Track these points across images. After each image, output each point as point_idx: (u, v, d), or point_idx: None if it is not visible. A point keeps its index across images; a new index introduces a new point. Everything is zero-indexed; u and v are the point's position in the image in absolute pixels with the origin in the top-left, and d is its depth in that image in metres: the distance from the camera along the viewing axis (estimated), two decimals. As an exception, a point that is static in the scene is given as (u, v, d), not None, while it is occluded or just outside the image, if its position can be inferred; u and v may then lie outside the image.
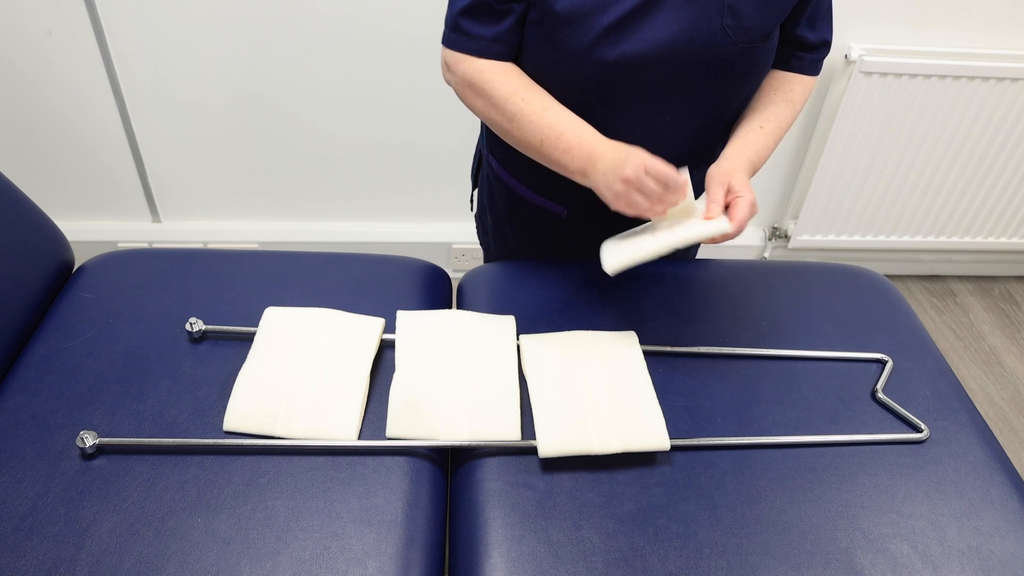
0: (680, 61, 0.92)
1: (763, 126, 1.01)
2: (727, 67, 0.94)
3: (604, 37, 0.89)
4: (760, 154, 1.00)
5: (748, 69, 0.97)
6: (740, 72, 0.97)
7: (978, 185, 2.06)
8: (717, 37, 0.90)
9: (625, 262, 0.93)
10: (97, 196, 2.03)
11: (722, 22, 0.89)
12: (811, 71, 1.06)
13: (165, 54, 1.76)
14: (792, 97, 1.04)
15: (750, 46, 0.93)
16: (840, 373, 1.03)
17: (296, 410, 0.90)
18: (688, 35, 0.90)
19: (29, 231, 1.08)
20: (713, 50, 0.91)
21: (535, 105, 0.94)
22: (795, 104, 1.04)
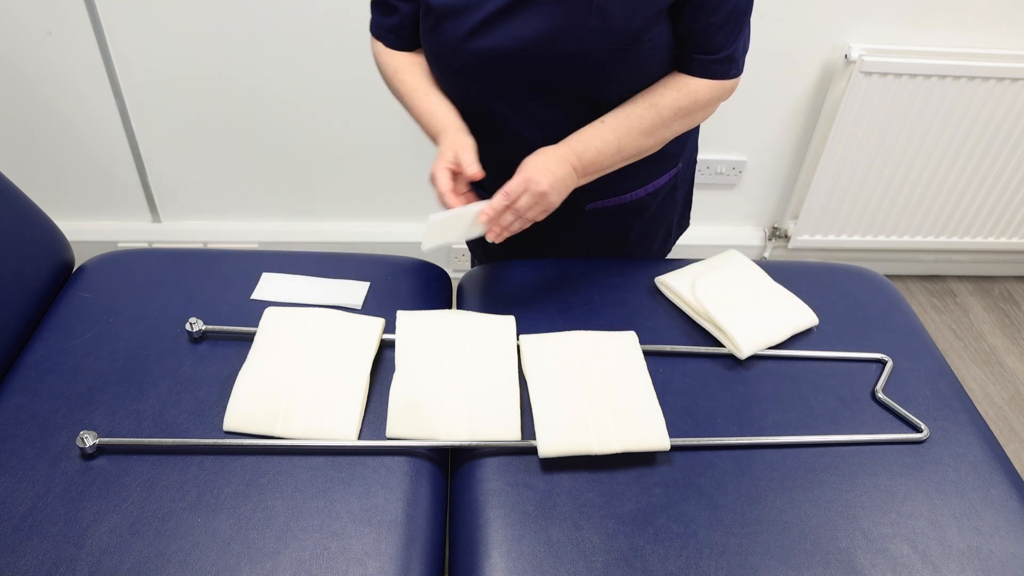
0: (550, 57, 0.95)
1: (604, 120, 1.01)
2: (598, 66, 0.96)
3: (477, 31, 0.95)
4: (590, 143, 0.99)
5: (623, 69, 0.98)
6: (615, 72, 0.98)
7: (978, 185, 2.06)
8: (586, 36, 0.92)
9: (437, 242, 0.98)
10: (97, 196, 2.03)
11: (590, 22, 0.91)
12: (704, 72, 1.01)
13: (165, 54, 1.76)
14: (659, 101, 1.01)
15: (618, 48, 0.94)
16: (840, 373, 1.03)
17: (296, 410, 0.90)
18: (556, 33, 0.93)
19: (29, 231, 1.08)
20: (582, 48, 0.94)
21: (407, 86, 1.07)
22: (660, 108, 1.00)
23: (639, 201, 1.19)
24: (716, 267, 1.14)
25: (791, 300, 1.10)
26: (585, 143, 1.00)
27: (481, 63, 0.98)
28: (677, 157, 1.19)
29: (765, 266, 1.18)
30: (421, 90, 1.06)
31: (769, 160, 2.07)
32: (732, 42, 1.01)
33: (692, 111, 1.03)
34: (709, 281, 1.10)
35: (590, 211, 1.17)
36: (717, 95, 1.04)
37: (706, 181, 2.09)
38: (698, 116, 1.06)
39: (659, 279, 1.13)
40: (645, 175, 1.16)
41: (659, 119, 1.01)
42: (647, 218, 1.23)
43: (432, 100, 1.05)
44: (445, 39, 0.99)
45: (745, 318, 1.05)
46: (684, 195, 1.31)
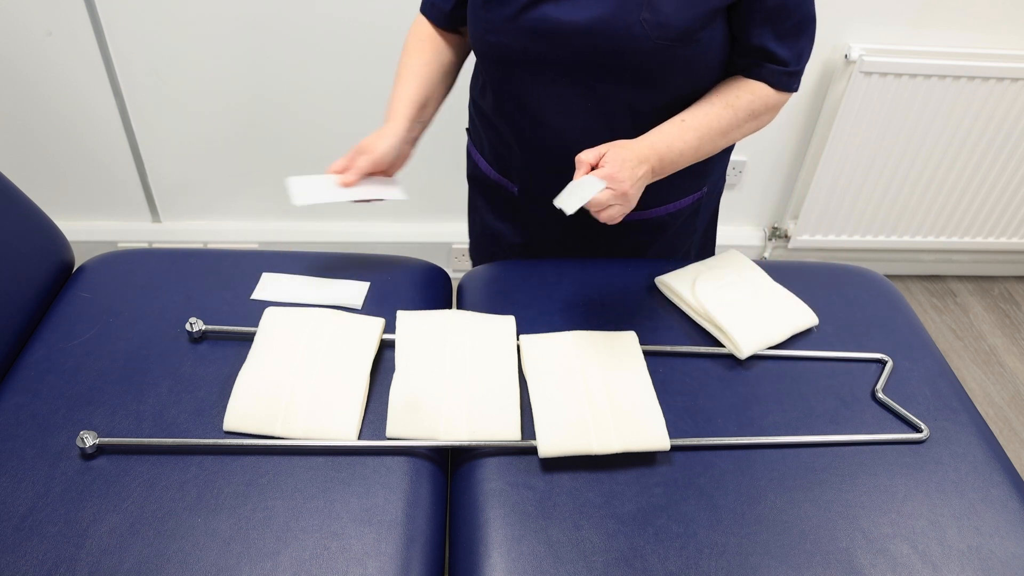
0: (596, 45, 0.94)
1: (685, 119, 0.98)
2: (643, 61, 0.95)
3: (529, 9, 0.95)
4: (673, 144, 0.96)
5: (667, 68, 0.96)
6: (658, 69, 0.96)
7: (978, 185, 2.06)
8: (634, 29, 0.91)
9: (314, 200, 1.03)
10: (97, 196, 2.03)
11: (640, 15, 0.90)
12: (772, 81, 1.00)
13: (165, 54, 1.76)
14: (735, 102, 0.99)
15: (666, 43, 0.92)
16: (840, 373, 1.03)
17: (296, 410, 0.90)
18: (606, 20, 0.92)
19: (29, 231, 1.08)
20: (629, 41, 0.92)
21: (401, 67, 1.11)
22: (736, 109, 0.99)
23: (659, 219, 1.18)
24: (716, 267, 1.14)
25: (791, 300, 1.10)
26: (669, 144, 0.96)
27: (525, 45, 0.97)
28: (704, 179, 1.18)
29: (765, 266, 1.18)
30: (402, 77, 1.10)
31: (769, 160, 2.07)
32: (800, 56, 1.01)
33: (762, 114, 1.02)
34: (709, 281, 1.10)
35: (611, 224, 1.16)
36: (779, 104, 1.04)
37: (706, 181, 2.09)
38: (762, 122, 1.04)
39: (659, 279, 1.13)
40: (669, 193, 1.15)
41: (735, 120, 1.00)
42: (666, 239, 1.22)
43: (402, 87, 1.09)
44: (494, 15, 0.98)
45: (745, 318, 1.05)
46: (706, 223, 1.29)
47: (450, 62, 1.14)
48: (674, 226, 1.21)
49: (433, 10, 1.12)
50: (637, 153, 0.92)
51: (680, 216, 1.20)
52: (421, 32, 1.13)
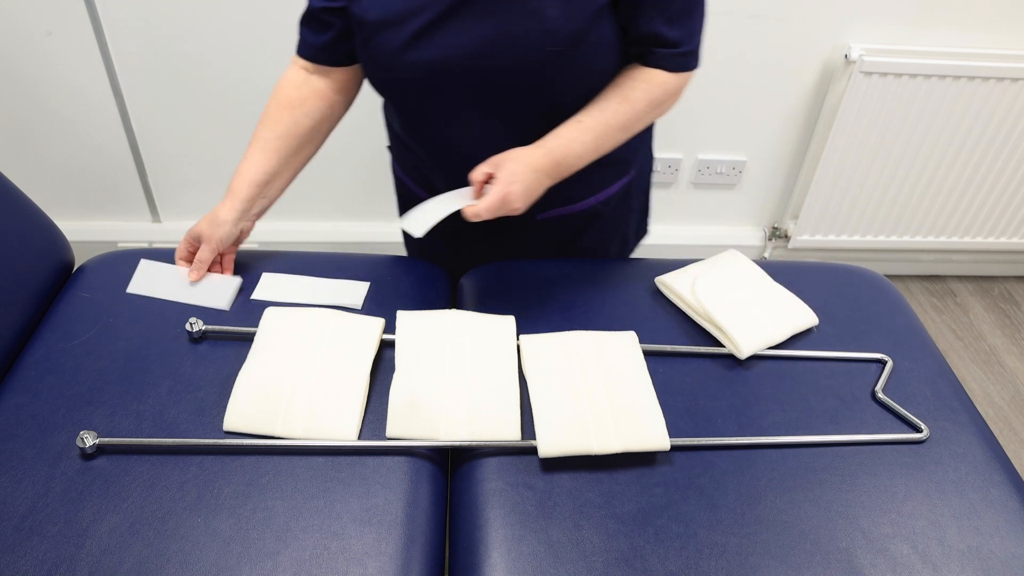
0: (491, 66, 0.93)
1: (582, 120, 0.98)
2: (540, 72, 0.94)
3: (411, 43, 0.93)
4: (570, 148, 0.97)
5: (563, 73, 0.95)
6: (555, 76, 0.95)
7: (978, 185, 2.06)
8: (522, 41, 0.91)
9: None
10: (97, 196, 2.03)
11: (526, 27, 0.90)
12: (667, 66, 0.99)
13: (165, 55, 1.76)
14: (631, 95, 0.99)
15: (558, 50, 0.92)
16: (840, 373, 1.03)
17: (296, 410, 0.90)
18: (492, 41, 0.91)
19: (29, 231, 1.08)
20: (522, 55, 0.92)
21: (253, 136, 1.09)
22: (634, 102, 0.99)
23: (591, 209, 1.17)
24: (716, 267, 1.14)
25: (791, 300, 1.10)
26: (565, 148, 0.97)
27: (417, 76, 0.96)
28: (629, 164, 1.17)
29: (765, 266, 1.18)
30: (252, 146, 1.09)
31: (769, 160, 2.07)
32: (691, 35, 1.00)
33: (663, 102, 1.02)
34: (709, 281, 1.10)
35: (541, 221, 1.16)
36: (680, 87, 1.03)
37: (706, 181, 2.09)
38: (665, 107, 1.04)
39: (659, 279, 1.13)
40: (597, 183, 1.15)
41: (633, 113, 1.00)
42: (599, 226, 1.21)
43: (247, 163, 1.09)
44: (379, 52, 0.96)
45: (745, 318, 1.05)
46: (640, 203, 1.28)
47: (322, 120, 1.10)
48: (606, 212, 1.20)
49: (310, 49, 1.06)
50: (530, 164, 0.94)
51: (611, 203, 1.19)
52: (286, 95, 1.08)
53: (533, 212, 1.14)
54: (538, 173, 0.95)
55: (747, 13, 1.77)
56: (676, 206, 2.16)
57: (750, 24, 1.79)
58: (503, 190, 0.92)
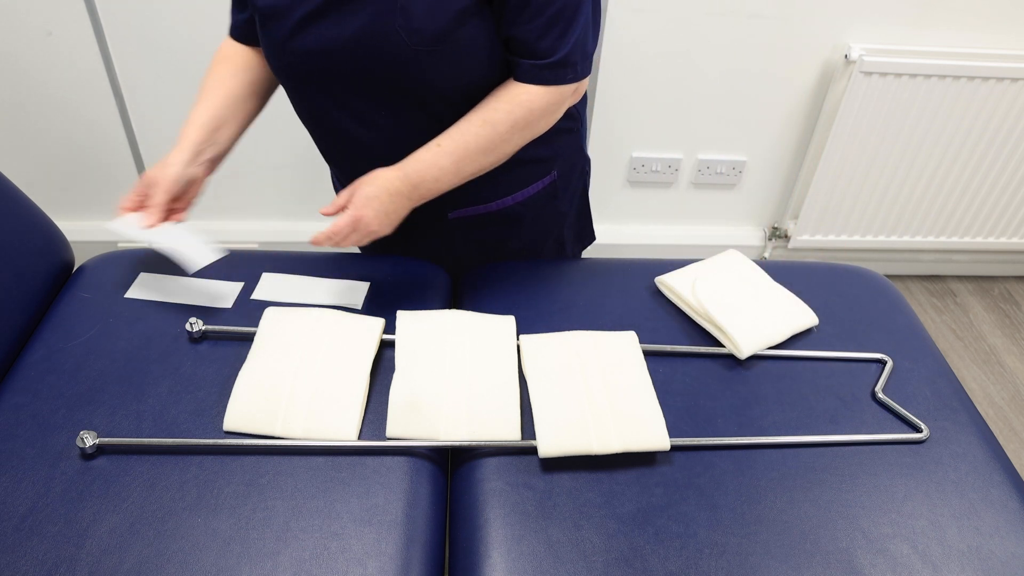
0: (361, 58, 0.95)
1: (441, 144, 0.98)
2: (409, 67, 0.95)
3: (296, 32, 0.96)
4: (427, 172, 0.98)
5: (435, 69, 0.95)
6: (428, 73, 0.95)
7: (978, 185, 2.06)
8: (392, 37, 0.92)
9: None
10: (97, 196, 2.03)
11: (395, 23, 0.91)
12: (530, 79, 0.97)
13: (165, 54, 1.76)
14: (493, 117, 0.97)
15: (425, 48, 0.92)
16: (840, 373, 1.03)
17: (296, 410, 0.90)
18: (364, 33, 0.93)
19: (29, 231, 1.08)
20: (390, 49, 0.93)
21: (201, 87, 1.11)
22: (495, 124, 0.98)
23: (508, 210, 1.15)
24: (716, 267, 1.14)
25: (791, 300, 1.10)
26: (422, 172, 0.98)
27: (301, 63, 0.99)
28: (550, 164, 1.15)
29: (765, 266, 1.18)
30: (199, 96, 1.10)
31: (769, 160, 2.07)
32: (563, 46, 0.95)
33: (530, 122, 0.99)
34: (709, 281, 1.10)
35: (454, 219, 1.16)
36: (555, 101, 1.00)
37: (706, 181, 2.09)
38: (539, 126, 1.02)
39: (659, 279, 1.13)
40: (513, 183, 1.13)
41: (496, 135, 0.98)
42: (525, 228, 1.19)
43: (195, 111, 1.09)
44: (269, 39, 1.01)
45: (745, 318, 1.05)
46: (574, 206, 1.26)
47: (257, 79, 1.12)
48: (531, 215, 1.18)
49: (233, 28, 1.13)
50: (386, 188, 0.96)
51: (533, 204, 1.16)
52: (225, 50, 1.13)
53: (444, 210, 1.14)
54: (394, 196, 0.97)
55: (747, 13, 1.77)
56: (676, 206, 2.16)
57: (750, 24, 1.79)
58: (355, 214, 0.95)
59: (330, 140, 1.12)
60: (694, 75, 1.87)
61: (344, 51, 0.95)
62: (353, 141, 1.07)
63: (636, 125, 1.95)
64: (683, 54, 1.83)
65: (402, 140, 1.02)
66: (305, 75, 1.01)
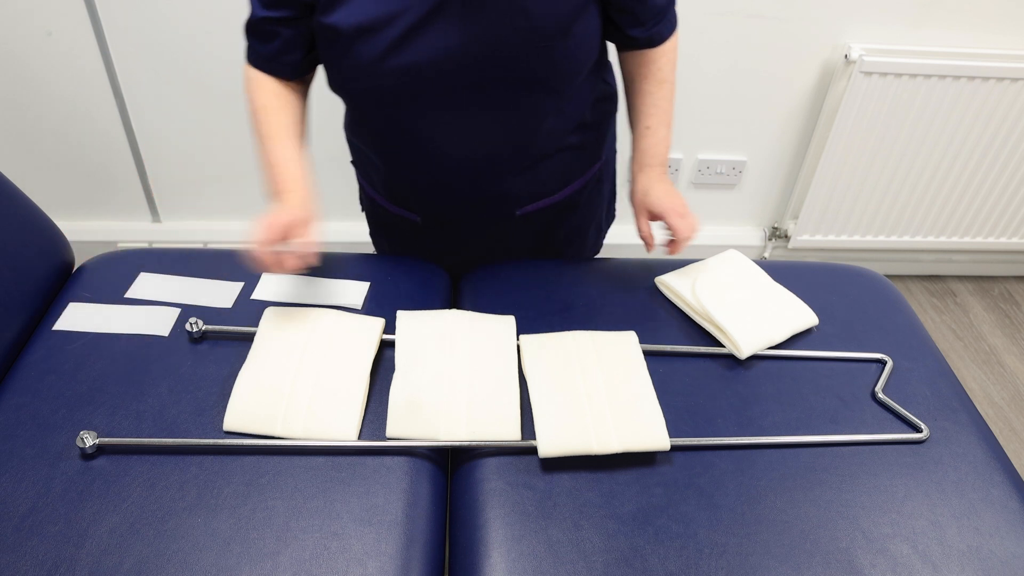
0: (478, 65, 0.93)
1: (648, 125, 1.09)
2: (529, 68, 0.94)
3: (394, 48, 0.91)
4: (656, 151, 1.09)
5: (553, 67, 0.96)
6: (545, 71, 0.96)
7: (978, 185, 2.06)
8: (511, 39, 0.91)
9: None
10: (97, 196, 2.03)
11: (514, 25, 0.90)
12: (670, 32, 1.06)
13: (165, 54, 1.76)
14: (662, 76, 1.08)
15: (547, 45, 0.92)
16: (840, 373, 1.03)
17: (296, 410, 0.90)
18: (481, 40, 0.91)
19: (29, 231, 1.08)
20: (509, 52, 0.92)
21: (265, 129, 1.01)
22: (668, 80, 1.08)
23: (568, 199, 1.19)
24: (716, 267, 1.14)
25: (791, 300, 1.10)
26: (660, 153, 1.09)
27: (402, 81, 0.94)
28: (600, 150, 1.19)
29: (765, 266, 1.18)
30: (278, 137, 1.01)
31: (769, 160, 2.07)
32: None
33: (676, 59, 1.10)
34: (709, 281, 1.10)
35: (521, 216, 1.17)
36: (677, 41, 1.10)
37: (706, 181, 2.09)
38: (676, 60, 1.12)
39: (659, 279, 1.13)
40: (572, 172, 1.16)
41: (672, 87, 1.09)
42: (576, 216, 1.23)
43: (286, 153, 1.01)
44: (360, 60, 0.93)
45: (745, 318, 1.05)
46: (609, 188, 1.31)
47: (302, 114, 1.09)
48: (582, 201, 1.22)
49: (275, 64, 1.01)
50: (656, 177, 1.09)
51: (586, 190, 1.21)
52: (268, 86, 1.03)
53: (512, 208, 1.15)
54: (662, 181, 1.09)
55: (747, 13, 1.77)
56: (676, 206, 2.16)
57: (750, 24, 1.79)
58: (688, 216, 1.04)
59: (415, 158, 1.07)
60: (694, 75, 1.87)
61: (451, 61, 0.92)
62: (444, 155, 1.05)
63: (636, 125, 1.95)
64: (683, 54, 1.82)
65: (498, 149, 1.04)
66: (402, 93, 0.96)
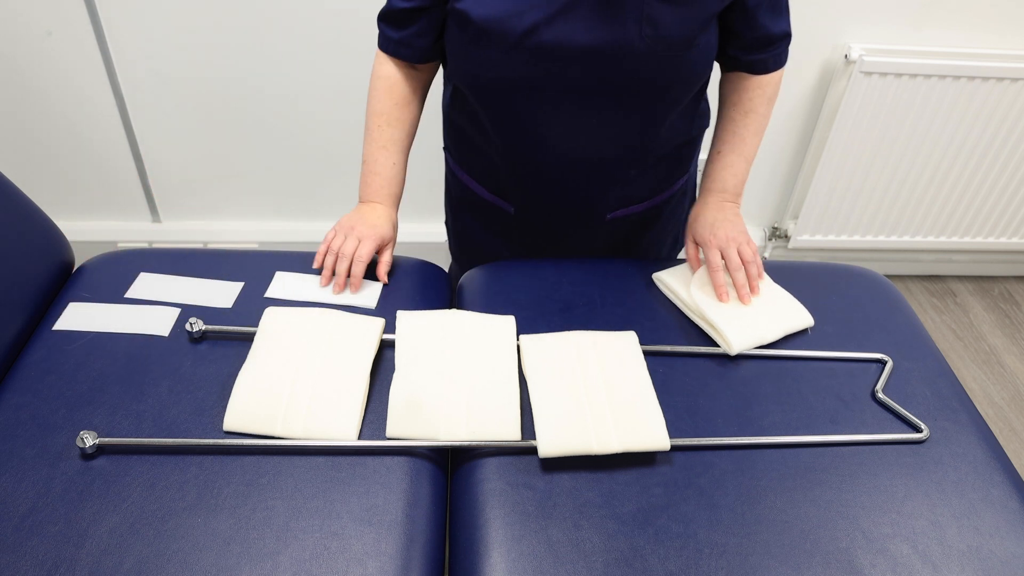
0: (601, 68, 0.95)
1: (720, 150, 1.11)
2: (650, 75, 0.97)
3: (521, 41, 0.95)
4: (720, 175, 1.11)
5: (673, 76, 0.98)
6: (660, 78, 0.98)
7: (978, 185, 2.06)
8: (636, 46, 0.93)
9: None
10: (97, 196, 2.03)
11: (640, 31, 0.91)
12: (775, 67, 1.08)
13: (165, 54, 1.76)
14: (751, 106, 1.09)
15: (671, 54, 0.94)
16: (840, 373, 1.03)
17: (296, 410, 0.90)
18: (608, 40, 0.93)
19: (29, 231, 1.08)
20: (633, 58, 0.94)
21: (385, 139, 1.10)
22: (756, 111, 1.09)
23: (654, 208, 1.21)
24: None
25: (787, 300, 1.10)
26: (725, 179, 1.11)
27: (528, 71, 0.97)
28: (689, 163, 1.21)
29: (765, 266, 1.18)
30: (392, 151, 1.11)
31: (769, 160, 2.07)
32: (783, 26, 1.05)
33: (774, 96, 1.11)
34: (705, 278, 1.10)
35: (611, 220, 1.19)
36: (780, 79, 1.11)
37: (706, 181, 2.09)
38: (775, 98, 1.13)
39: (656, 275, 1.13)
40: (662, 182, 1.18)
41: (759, 119, 1.10)
42: (659, 225, 1.25)
43: (395, 170, 1.11)
44: (487, 50, 0.97)
45: (737, 315, 1.05)
46: (690, 201, 1.32)
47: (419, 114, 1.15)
48: (666, 211, 1.24)
49: (407, 49, 1.07)
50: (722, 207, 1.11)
51: (671, 201, 1.23)
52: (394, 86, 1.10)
53: (603, 212, 1.18)
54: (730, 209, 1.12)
55: (747, 13, 1.77)
56: (676, 206, 2.16)
57: (750, 24, 1.79)
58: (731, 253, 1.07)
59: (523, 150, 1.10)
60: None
61: (581, 58, 0.94)
62: (551, 150, 1.08)
63: (636, 125, 1.95)
64: (683, 54, 1.83)
65: (606, 151, 1.06)
66: (524, 85, 0.99)
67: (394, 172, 1.11)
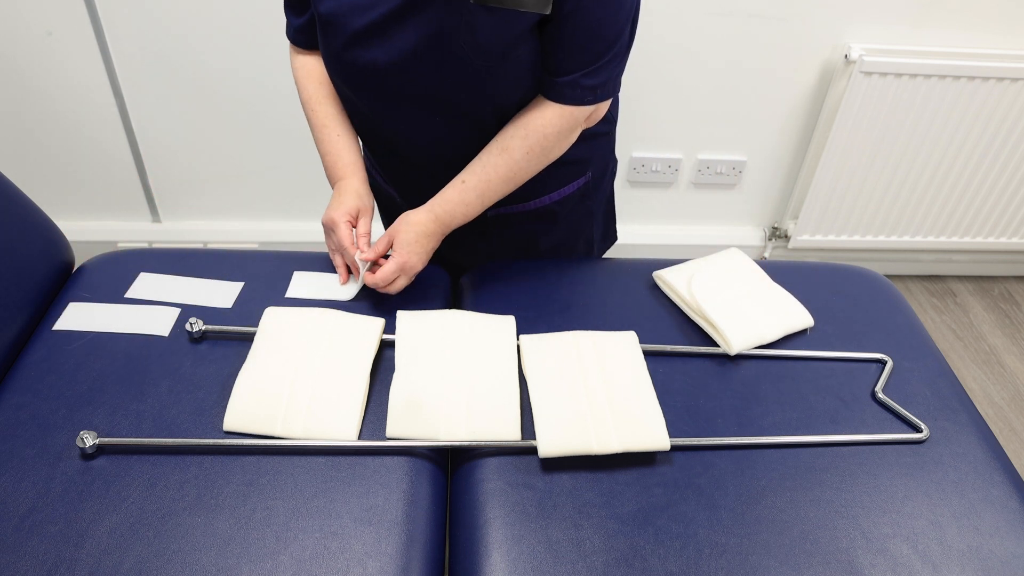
0: (426, 71, 0.96)
1: (465, 180, 1.04)
2: (472, 82, 0.97)
3: (354, 41, 0.96)
4: (455, 210, 1.05)
5: (495, 85, 0.98)
6: (489, 87, 0.98)
7: (978, 185, 2.06)
8: (457, 52, 0.93)
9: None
10: (97, 196, 2.03)
11: (460, 39, 0.92)
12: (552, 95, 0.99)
13: (165, 54, 1.76)
14: (508, 144, 1.01)
15: (487, 64, 0.94)
16: (840, 373, 1.03)
17: (296, 410, 0.90)
18: (430, 48, 0.93)
19: (29, 231, 1.08)
20: (454, 65, 0.94)
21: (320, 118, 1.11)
22: (510, 151, 1.01)
23: (544, 208, 1.19)
24: (715, 264, 1.14)
25: (787, 299, 1.10)
26: (451, 212, 1.05)
27: (358, 73, 1.00)
28: (585, 166, 1.18)
29: (765, 266, 1.18)
30: (331, 127, 1.10)
31: (769, 160, 2.07)
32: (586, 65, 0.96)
33: (545, 148, 1.03)
34: (705, 278, 1.10)
35: (493, 217, 1.18)
36: (568, 125, 1.02)
37: (706, 181, 2.09)
38: (553, 151, 1.05)
39: (657, 273, 1.13)
40: (550, 183, 1.16)
41: (513, 164, 1.03)
42: (559, 226, 1.22)
43: (341, 142, 1.10)
44: (327, 46, 1.01)
45: (737, 315, 1.05)
46: (603, 207, 1.29)
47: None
48: (564, 213, 1.21)
49: (304, 36, 1.10)
50: (423, 231, 1.03)
51: (567, 203, 1.20)
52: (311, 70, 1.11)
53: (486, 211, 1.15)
54: (430, 237, 1.04)
55: (747, 13, 1.77)
56: (676, 206, 2.16)
57: (750, 24, 1.79)
58: (400, 260, 1.02)
59: (379, 145, 1.15)
60: (694, 75, 1.87)
61: (400, 65, 0.96)
62: (406, 144, 1.09)
63: (636, 125, 1.95)
64: (683, 54, 1.83)
65: (452, 147, 1.06)
66: (360, 84, 1.02)
67: (342, 143, 1.10)
